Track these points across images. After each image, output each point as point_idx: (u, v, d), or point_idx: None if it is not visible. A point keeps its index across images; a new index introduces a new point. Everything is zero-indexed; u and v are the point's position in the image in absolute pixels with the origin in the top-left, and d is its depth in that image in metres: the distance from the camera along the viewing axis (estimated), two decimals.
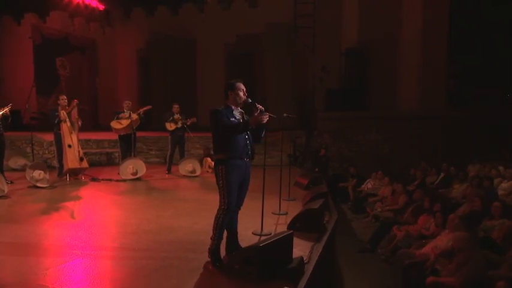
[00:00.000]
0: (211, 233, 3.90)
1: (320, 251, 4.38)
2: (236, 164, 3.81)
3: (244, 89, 3.95)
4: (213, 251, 3.87)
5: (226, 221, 3.86)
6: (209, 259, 3.88)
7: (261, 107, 3.87)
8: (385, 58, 12.50)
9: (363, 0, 12.68)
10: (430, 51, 12.26)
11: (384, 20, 12.35)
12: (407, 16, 12.46)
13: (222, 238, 3.92)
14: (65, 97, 8.37)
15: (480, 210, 6.35)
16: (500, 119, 11.17)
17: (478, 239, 4.96)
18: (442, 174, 9.53)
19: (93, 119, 15.41)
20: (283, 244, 3.74)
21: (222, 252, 3.95)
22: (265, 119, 3.76)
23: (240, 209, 4.09)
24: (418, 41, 12.36)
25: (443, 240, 5.21)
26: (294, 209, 5.97)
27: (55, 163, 8.78)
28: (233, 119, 3.87)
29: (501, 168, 8.89)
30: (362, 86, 12.44)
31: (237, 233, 4.16)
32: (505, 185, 8.07)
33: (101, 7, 14.77)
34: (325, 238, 4.79)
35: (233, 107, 3.94)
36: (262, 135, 4.11)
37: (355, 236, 7.73)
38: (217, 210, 3.85)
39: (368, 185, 9.86)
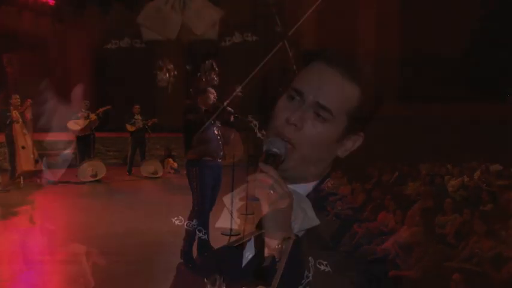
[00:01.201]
0: (182, 235, 3.92)
1: (289, 249, 4.49)
2: (209, 165, 3.86)
3: (215, 94, 4.08)
4: (186, 252, 3.89)
5: (199, 222, 3.87)
6: (181, 260, 3.89)
7: (230, 109, 3.97)
8: None
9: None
10: (384, 50, 12.71)
11: (340, 23, 12.69)
12: (362, 15, 12.88)
13: (194, 239, 3.94)
14: (18, 96, 8.01)
15: (432, 206, 6.73)
16: (457, 118, 11.71)
17: (434, 234, 5.27)
18: (396, 173, 9.98)
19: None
20: (255, 244, 3.80)
21: (194, 253, 3.96)
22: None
23: (211, 209, 4.13)
24: (372, 41, 12.80)
25: (402, 236, 5.50)
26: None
27: (6, 165, 8.36)
28: None
29: (449, 166, 9.47)
30: None
31: (208, 234, 4.18)
32: (453, 182, 8.61)
33: (51, 1, 14.16)
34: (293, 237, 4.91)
35: (203, 108, 4.02)
36: (232, 136, 4.20)
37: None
38: (190, 211, 3.87)
39: (328, 184, 10.10)
